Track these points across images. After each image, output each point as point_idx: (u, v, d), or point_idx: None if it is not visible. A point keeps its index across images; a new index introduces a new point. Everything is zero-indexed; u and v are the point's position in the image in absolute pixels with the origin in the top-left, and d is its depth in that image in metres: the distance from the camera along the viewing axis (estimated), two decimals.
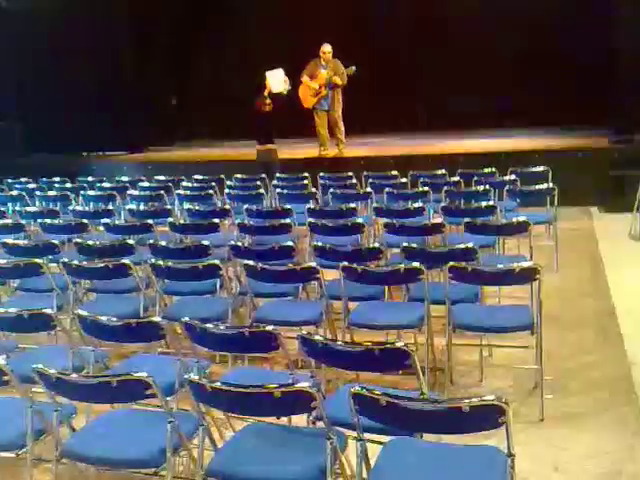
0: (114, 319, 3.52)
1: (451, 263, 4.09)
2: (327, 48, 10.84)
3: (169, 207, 7.35)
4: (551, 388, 4.42)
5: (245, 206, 7.02)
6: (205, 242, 5.14)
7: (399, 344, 2.95)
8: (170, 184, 8.83)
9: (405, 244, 4.69)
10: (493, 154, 10.34)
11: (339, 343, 3.14)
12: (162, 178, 9.47)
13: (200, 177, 9.43)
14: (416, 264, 4.14)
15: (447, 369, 4.40)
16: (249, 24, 14.10)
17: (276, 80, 9.93)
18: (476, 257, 4.53)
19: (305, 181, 8.76)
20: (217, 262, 4.58)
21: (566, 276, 6.90)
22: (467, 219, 5.45)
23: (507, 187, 7.22)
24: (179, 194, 8.27)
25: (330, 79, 10.79)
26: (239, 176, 9.22)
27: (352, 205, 6.70)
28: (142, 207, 7.65)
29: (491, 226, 5.40)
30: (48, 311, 3.74)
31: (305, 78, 10.92)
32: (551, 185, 7.20)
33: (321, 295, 4.53)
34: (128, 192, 8.51)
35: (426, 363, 4.33)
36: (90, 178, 9.66)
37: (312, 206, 6.97)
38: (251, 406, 2.81)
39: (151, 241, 5.37)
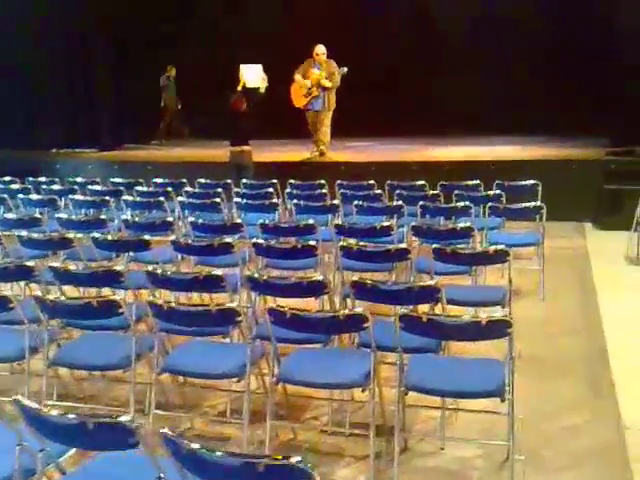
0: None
1: (402, 311, 3.18)
2: (321, 49, 10.17)
3: (170, 219, 6.07)
4: (526, 461, 3.52)
5: (259, 221, 5.72)
6: (218, 272, 4.12)
7: None
8: (170, 189, 7.74)
9: (355, 278, 3.78)
10: (481, 163, 9.44)
11: None
12: (160, 181, 8.40)
13: (203, 181, 8.36)
14: (358, 310, 3.23)
15: (398, 434, 3.48)
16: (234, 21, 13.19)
17: (252, 75, 9.08)
18: (438, 298, 3.63)
19: (323, 190, 7.60)
20: (235, 307, 3.50)
21: (553, 306, 6.01)
22: (436, 245, 4.53)
23: (490, 204, 6.30)
24: (182, 202, 7.21)
25: (319, 81, 10.10)
26: (202, 181, 8.25)
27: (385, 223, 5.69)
28: (137, 217, 6.70)
29: (463, 255, 4.48)
30: None
31: (297, 77, 10.24)
32: (539, 203, 6.28)
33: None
34: (123, 197, 7.42)
35: (372, 424, 3.43)
36: (43, 179, 8.71)
37: (339, 221, 5.88)
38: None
39: (150, 268, 4.28)
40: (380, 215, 6.61)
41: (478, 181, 7.58)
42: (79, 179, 8.68)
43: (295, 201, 6.64)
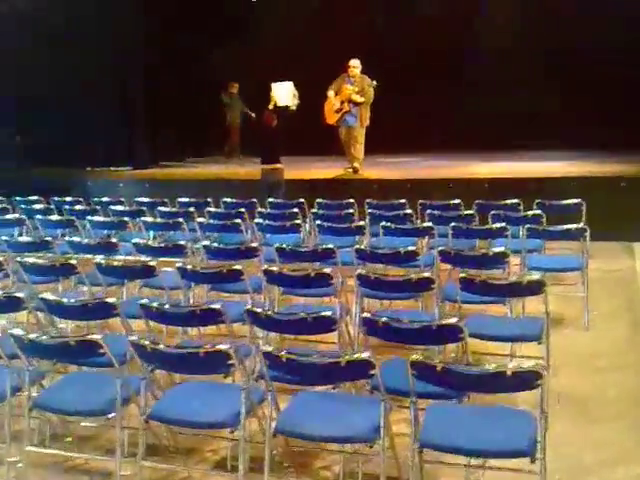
0: None
1: (414, 357, 2.70)
2: (354, 63, 9.88)
3: (182, 242, 5.52)
4: None
5: (275, 245, 5.25)
6: (216, 306, 3.65)
7: None
8: (192, 208, 7.36)
9: (366, 314, 3.31)
10: (522, 180, 8.86)
11: None
12: (185, 200, 8.04)
13: (229, 200, 7.98)
14: (364, 356, 2.76)
15: None
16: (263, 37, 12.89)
17: (283, 93, 8.77)
18: (461, 338, 3.13)
19: (350, 209, 7.15)
20: (226, 349, 3.02)
21: (598, 337, 5.42)
22: (464, 274, 4.03)
23: (528, 225, 5.76)
24: (201, 223, 6.79)
25: (350, 96, 9.76)
26: (228, 200, 7.87)
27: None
28: (154, 239, 6.43)
29: (493, 285, 3.97)
30: None
31: (330, 93, 9.95)
32: (582, 225, 5.71)
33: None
34: (142, 219, 7.04)
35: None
36: (69, 198, 8.45)
37: (362, 246, 5.36)
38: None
39: (144, 301, 3.84)
40: (409, 237, 6.14)
41: (517, 200, 7.04)
42: (105, 198, 8.39)
43: (319, 222, 6.20)
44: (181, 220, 6.50)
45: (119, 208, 7.59)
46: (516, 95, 11.73)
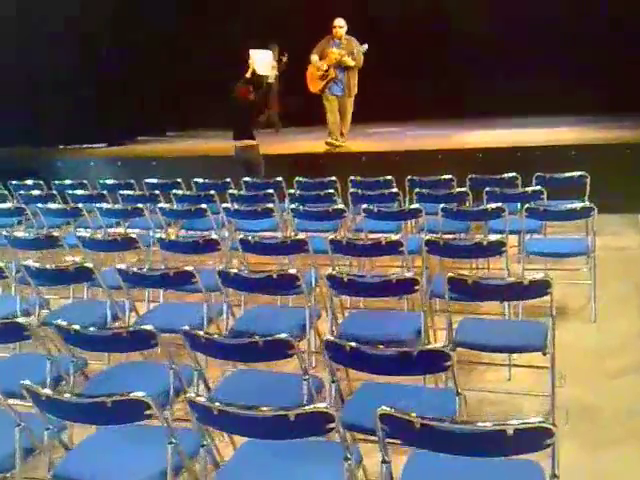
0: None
1: (383, 409, 2.02)
2: (339, 22, 8.79)
3: (134, 235, 4.66)
4: None
5: (239, 235, 4.60)
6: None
7: None
8: (158, 191, 6.61)
9: (330, 338, 2.61)
10: (519, 150, 8.13)
11: None
12: (153, 181, 7.24)
13: (201, 181, 7.16)
14: (321, 406, 2.08)
15: None
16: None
17: (262, 61, 7.89)
18: (446, 367, 2.45)
19: (330, 189, 6.33)
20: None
21: (608, 330, 4.77)
22: (452, 274, 3.32)
23: (527, 205, 5.04)
24: (163, 208, 5.97)
25: (341, 59, 8.73)
26: (199, 180, 7.12)
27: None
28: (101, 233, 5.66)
29: (488, 288, 3.27)
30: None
31: (314, 57, 8.88)
32: (588, 203, 4.99)
33: None
34: (100, 205, 6.16)
35: None
36: (30, 182, 7.70)
37: (338, 236, 4.63)
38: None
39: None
40: (394, 220, 5.44)
41: (515, 173, 6.33)
42: (68, 181, 7.65)
43: (294, 205, 5.49)
44: (141, 206, 5.75)
45: (79, 192, 6.83)
46: (506, 57, 10.87)
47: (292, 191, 6.24)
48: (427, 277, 4.28)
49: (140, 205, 5.80)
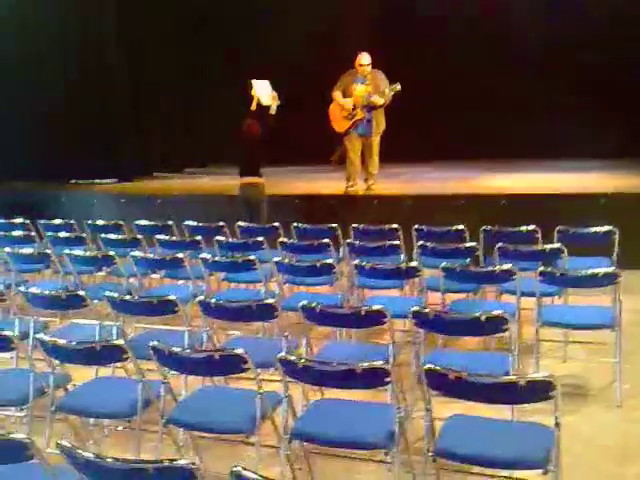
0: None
1: None
2: (365, 60, 7.88)
3: (81, 293, 4.05)
4: None
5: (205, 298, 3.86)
6: None
7: None
8: (140, 236, 6.09)
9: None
10: (545, 197, 7.39)
11: None
12: (144, 223, 6.72)
13: (191, 224, 6.61)
14: None
15: None
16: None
17: (264, 91, 7.32)
18: None
19: (326, 238, 5.53)
20: None
21: (634, 420, 3.97)
22: (432, 366, 2.61)
23: (542, 268, 4.31)
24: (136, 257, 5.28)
25: (368, 100, 7.91)
26: (191, 224, 6.54)
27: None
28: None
29: (472, 385, 2.55)
30: None
31: (336, 94, 8.05)
32: (613, 269, 4.22)
33: None
34: (69, 251, 5.46)
35: None
36: (19, 220, 7.20)
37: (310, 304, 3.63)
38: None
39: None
40: (391, 279, 4.76)
41: (534, 226, 5.59)
42: (58, 221, 7.12)
43: (278, 258, 4.81)
44: (112, 253, 5.15)
45: (62, 234, 6.27)
46: (538, 97, 10.19)
47: (283, 239, 5.59)
48: (416, 353, 3.58)
49: (112, 252, 5.21)
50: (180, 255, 4.98)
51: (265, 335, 4.84)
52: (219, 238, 5.72)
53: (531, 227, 5.60)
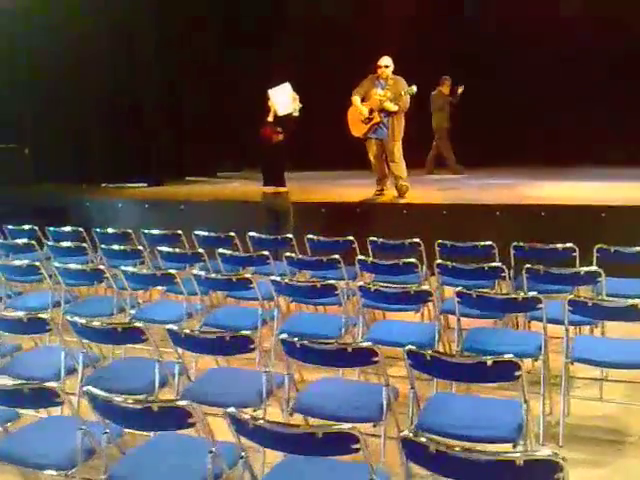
0: None
1: None
2: (385, 61, 7.64)
3: (44, 315, 3.59)
4: None
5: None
6: None
7: None
8: (142, 247, 5.70)
9: None
10: (588, 209, 6.69)
11: None
12: (155, 232, 6.28)
13: (202, 234, 6.14)
14: None
15: None
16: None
17: (282, 99, 6.91)
18: None
19: (336, 254, 4.96)
20: None
21: None
22: (406, 432, 2.07)
23: (572, 296, 3.69)
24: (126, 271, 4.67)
25: (382, 105, 7.60)
26: (202, 234, 6.09)
27: None
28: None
29: (464, 462, 1.97)
30: None
31: (355, 98, 7.75)
32: None
33: None
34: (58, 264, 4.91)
35: None
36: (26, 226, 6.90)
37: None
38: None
39: None
40: (403, 304, 4.20)
41: (571, 244, 4.94)
42: (68, 228, 6.75)
43: (276, 278, 4.30)
44: (102, 268, 4.72)
45: (65, 244, 5.90)
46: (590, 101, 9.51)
47: (289, 254, 5.09)
48: (415, 400, 3.03)
49: (102, 267, 4.78)
50: (171, 271, 4.52)
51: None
52: (221, 251, 5.25)
53: (568, 245, 4.96)
